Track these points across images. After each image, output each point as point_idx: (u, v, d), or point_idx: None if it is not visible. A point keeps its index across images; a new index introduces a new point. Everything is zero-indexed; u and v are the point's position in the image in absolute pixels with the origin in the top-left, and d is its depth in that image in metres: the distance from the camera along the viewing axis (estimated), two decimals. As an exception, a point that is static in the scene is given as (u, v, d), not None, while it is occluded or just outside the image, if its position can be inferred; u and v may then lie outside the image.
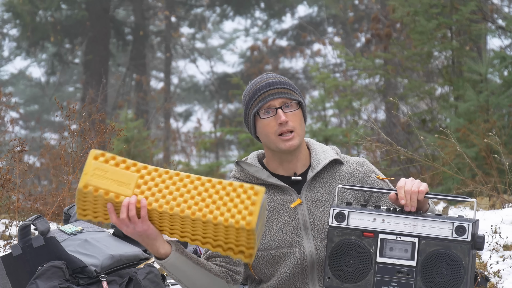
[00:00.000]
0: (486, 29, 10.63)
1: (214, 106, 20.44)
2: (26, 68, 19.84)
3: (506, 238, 4.97)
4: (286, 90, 2.90)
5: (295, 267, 2.88)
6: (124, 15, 19.98)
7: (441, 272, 2.63)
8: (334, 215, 2.71)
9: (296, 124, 2.89)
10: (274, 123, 2.88)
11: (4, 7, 17.62)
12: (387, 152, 8.89)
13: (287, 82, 2.93)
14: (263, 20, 20.54)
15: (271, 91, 2.89)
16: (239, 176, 2.99)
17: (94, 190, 2.58)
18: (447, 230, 2.64)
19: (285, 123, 2.87)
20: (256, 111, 2.90)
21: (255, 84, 2.93)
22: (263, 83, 2.91)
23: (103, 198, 2.58)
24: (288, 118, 2.87)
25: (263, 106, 2.89)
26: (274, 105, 2.89)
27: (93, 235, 3.45)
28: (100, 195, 2.58)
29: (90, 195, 2.59)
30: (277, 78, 2.93)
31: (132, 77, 19.22)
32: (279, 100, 2.89)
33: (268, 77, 2.94)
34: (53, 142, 11.85)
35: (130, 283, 3.27)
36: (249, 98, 2.92)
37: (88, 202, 2.62)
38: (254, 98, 2.90)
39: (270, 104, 2.89)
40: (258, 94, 2.90)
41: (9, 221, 5.45)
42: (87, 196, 2.59)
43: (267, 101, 2.88)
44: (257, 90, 2.90)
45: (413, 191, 2.70)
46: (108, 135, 5.68)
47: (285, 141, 2.88)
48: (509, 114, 9.52)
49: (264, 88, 2.90)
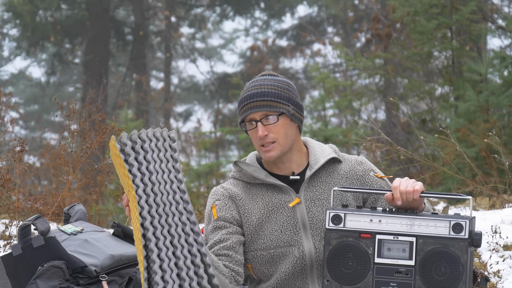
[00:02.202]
0: (486, 29, 10.63)
1: (214, 106, 20.44)
2: (26, 68, 19.84)
3: (506, 238, 4.97)
4: (266, 102, 2.91)
5: (294, 266, 2.88)
6: (124, 15, 19.97)
7: (440, 270, 2.63)
8: (331, 217, 2.71)
9: (278, 134, 2.90)
10: (255, 135, 2.91)
11: (4, 7, 17.62)
12: (387, 152, 8.89)
13: (269, 92, 2.92)
14: (263, 20, 20.53)
15: (250, 104, 2.91)
16: (238, 176, 3.00)
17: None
18: (444, 228, 2.64)
19: (265, 137, 2.89)
20: (241, 121, 2.96)
21: (244, 91, 2.97)
22: (246, 93, 2.94)
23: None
24: (268, 130, 2.90)
25: (246, 118, 2.94)
26: (254, 118, 2.92)
27: (93, 235, 3.45)
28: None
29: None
30: (261, 88, 2.93)
31: (132, 77, 19.22)
32: (259, 113, 2.91)
33: (253, 86, 2.94)
34: (53, 142, 11.85)
35: (130, 283, 3.27)
36: (238, 105, 2.98)
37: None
38: (239, 108, 2.97)
39: (252, 117, 2.93)
40: (241, 106, 2.95)
41: (9, 221, 5.45)
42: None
43: (248, 113, 2.92)
44: (241, 100, 2.95)
45: (408, 191, 2.70)
46: (108, 135, 5.68)
47: (265, 152, 2.91)
48: (509, 114, 9.51)
49: (245, 101, 2.93)
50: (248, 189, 2.97)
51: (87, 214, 4.71)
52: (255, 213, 2.92)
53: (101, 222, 6.46)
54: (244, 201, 2.94)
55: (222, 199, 2.95)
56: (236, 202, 2.95)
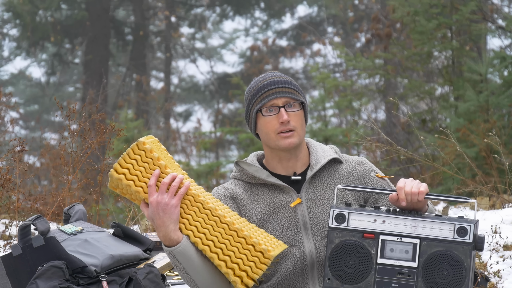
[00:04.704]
0: (486, 29, 10.62)
1: (214, 106, 20.43)
2: (26, 68, 19.82)
3: (506, 238, 4.97)
4: (290, 89, 2.91)
5: (295, 266, 2.87)
6: (124, 15, 19.97)
7: (442, 273, 2.63)
8: (334, 216, 2.70)
9: (297, 124, 2.89)
10: (275, 122, 2.89)
11: (4, 7, 17.61)
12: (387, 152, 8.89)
13: (291, 82, 2.94)
14: (263, 20, 20.53)
15: (275, 90, 2.90)
16: (239, 176, 2.99)
17: (150, 150, 2.73)
18: (449, 231, 2.63)
19: (287, 123, 2.88)
20: (258, 108, 2.90)
21: (259, 81, 2.93)
22: (267, 80, 2.92)
23: (155, 160, 2.73)
24: (290, 117, 2.88)
25: (266, 104, 2.89)
26: (277, 104, 2.89)
27: (93, 235, 3.45)
28: (154, 156, 2.73)
29: (145, 153, 2.73)
30: (282, 77, 2.94)
31: (132, 77, 19.21)
32: (283, 99, 2.89)
33: (273, 75, 2.94)
34: (53, 142, 11.85)
35: (130, 283, 3.27)
36: (252, 94, 2.93)
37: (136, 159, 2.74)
38: (258, 95, 2.91)
39: (274, 103, 2.89)
40: (262, 92, 2.90)
41: (9, 221, 5.44)
42: (142, 152, 2.73)
43: (271, 99, 2.89)
44: (261, 87, 2.91)
45: (413, 192, 2.69)
46: (108, 135, 5.67)
47: (284, 138, 2.88)
48: (509, 114, 9.51)
49: (268, 86, 2.90)
50: (249, 189, 2.96)
51: (87, 214, 4.70)
52: (256, 213, 2.92)
53: (101, 222, 6.45)
54: (245, 201, 2.94)
55: (223, 199, 2.94)
56: (237, 202, 2.94)
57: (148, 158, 2.74)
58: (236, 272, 2.70)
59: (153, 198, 2.72)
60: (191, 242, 2.74)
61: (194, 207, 2.76)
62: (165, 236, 2.72)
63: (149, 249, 3.53)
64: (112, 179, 2.74)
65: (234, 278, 2.69)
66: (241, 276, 2.70)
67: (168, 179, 2.73)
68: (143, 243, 3.54)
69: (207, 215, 2.75)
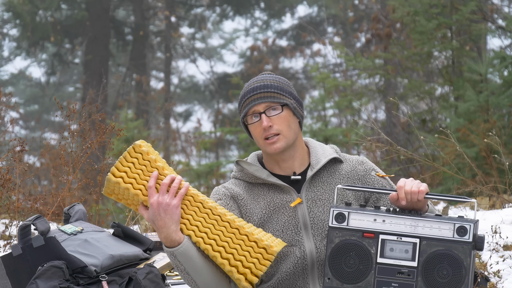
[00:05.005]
0: (486, 29, 10.62)
1: (214, 106, 20.43)
2: (26, 68, 19.82)
3: (506, 238, 4.97)
4: (269, 93, 2.91)
5: (296, 266, 2.87)
6: (124, 15, 19.97)
7: (442, 272, 2.63)
8: (334, 215, 2.70)
9: (282, 126, 2.90)
10: (260, 128, 2.91)
11: (4, 7, 17.61)
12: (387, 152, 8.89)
13: (272, 85, 2.93)
14: (263, 20, 20.53)
15: (254, 96, 2.91)
16: (239, 176, 3.00)
17: (147, 153, 2.75)
18: (448, 230, 2.63)
19: (269, 128, 2.89)
20: (243, 116, 2.94)
21: (245, 87, 2.98)
22: (248, 88, 2.95)
23: (153, 162, 2.74)
24: (272, 122, 2.89)
25: (249, 112, 2.92)
26: (258, 110, 2.91)
27: (93, 235, 3.45)
28: (151, 158, 2.74)
29: (142, 155, 2.75)
30: (263, 81, 2.94)
31: (132, 77, 19.21)
32: (263, 105, 2.91)
33: (255, 81, 2.96)
34: (53, 142, 11.85)
35: (130, 283, 3.27)
36: (239, 102, 2.98)
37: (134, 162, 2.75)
38: (241, 103, 2.96)
39: (255, 110, 2.92)
40: (244, 100, 2.94)
41: (9, 221, 5.44)
42: (139, 154, 2.75)
43: (251, 106, 2.92)
44: (244, 95, 2.95)
45: (413, 191, 2.70)
46: (108, 135, 5.67)
47: (270, 144, 2.90)
48: (509, 114, 9.51)
49: (248, 94, 2.93)
50: (249, 189, 2.97)
51: (87, 214, 4.70)
52: (256, 213, 2.92)
53: (101, 222, 6.45)
54: (245, 201, 2.94)
55: (224, 198, 2.95)
56: (237, 201, 2.94)
57: (146, 161, 2.75)
58: (240, 270, 2.70)
59: (154, 199, 2.72)
60: (193, 242, 2.74)
61: (195, 207, 2.76)
62: (167, 237, 2.72)
63: (149, 249, 3.53)
64: (108, 183, 2.73)
65: (238, 276, 2.69)
66: (245, 273, 2.71)
67: (167, 180, 2.74)
68: (143, 243, 3.54)
69: (208, 214, 2.76)
